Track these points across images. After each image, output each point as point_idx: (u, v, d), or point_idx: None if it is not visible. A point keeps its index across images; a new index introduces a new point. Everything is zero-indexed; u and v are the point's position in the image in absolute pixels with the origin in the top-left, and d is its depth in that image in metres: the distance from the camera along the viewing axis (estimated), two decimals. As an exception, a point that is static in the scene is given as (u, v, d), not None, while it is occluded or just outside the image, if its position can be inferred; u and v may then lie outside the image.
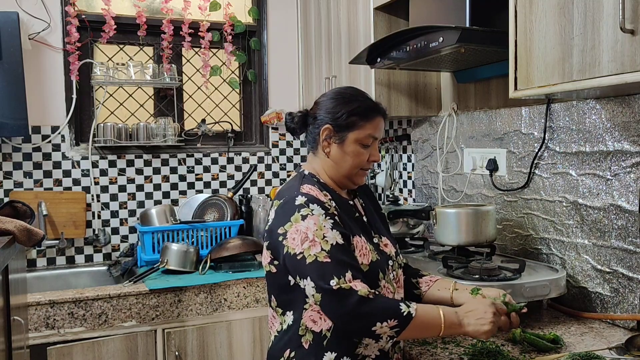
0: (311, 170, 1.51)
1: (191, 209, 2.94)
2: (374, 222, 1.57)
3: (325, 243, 1.33)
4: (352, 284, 1.29)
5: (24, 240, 1.73)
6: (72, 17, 2.82)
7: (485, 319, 1.34)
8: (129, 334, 2.27)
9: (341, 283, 1.28)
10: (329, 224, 1.36)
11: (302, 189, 1.42)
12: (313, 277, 1.31)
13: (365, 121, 1.45)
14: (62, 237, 2.82)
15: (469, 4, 1.87)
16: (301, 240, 1.34)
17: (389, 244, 1.55)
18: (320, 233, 1.34)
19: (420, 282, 1.62)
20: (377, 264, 1.44)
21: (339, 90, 1.52)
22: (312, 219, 1.35)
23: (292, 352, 1.41)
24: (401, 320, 1.28)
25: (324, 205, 1.39)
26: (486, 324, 1.34)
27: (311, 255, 1.32)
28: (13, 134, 2.61)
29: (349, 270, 1.31)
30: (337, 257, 1.32)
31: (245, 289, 2.44)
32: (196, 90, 3.22)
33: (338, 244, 1.34)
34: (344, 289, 1.28)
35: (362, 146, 1.46)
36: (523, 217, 2.11)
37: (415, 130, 2.80)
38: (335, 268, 1.30)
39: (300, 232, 1.35)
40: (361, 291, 1.28)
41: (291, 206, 1.39)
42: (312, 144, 1.52)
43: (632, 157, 1.67)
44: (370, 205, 1.63)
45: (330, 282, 1.28)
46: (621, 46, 1.26)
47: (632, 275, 1.69)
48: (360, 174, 1.51)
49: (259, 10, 3.28)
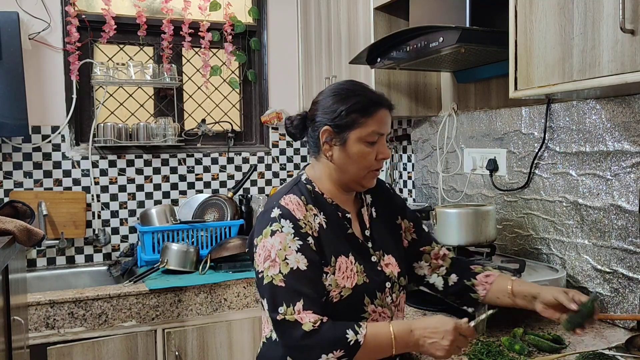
0: (311, 175, 1.41)
1: (191, 209, 2.94)
2: (378, 238, 1.44)
3: (285, 266, 1.25)
4: (299, 315, 1.21)
5: (24, 240, 1.73)
6: (72, 17, 2.82)
7: (441, 344, 1.23)
8: (129, 334, 2.27)
9: (288, 313, 1.22)
10: (295, 246, 1.27)
11: (283, 200, 1.32)
12: (268, 300, 1.26)
13: (367, 117, 1.32)
14: (62, 237, 2.82)
15: (469, 4, 1.87)
16: (264, 257, 1.28)
17: (391, 264, 1.42)
18: (283, 254, 1.26)
19: (476, 285, 1.48)
20: (364, 288, 1.33)
21: (336, 86, 1.39)
22: (279, 237, 1.27)
23: None
24: (347, 350, 1.20)
25: (298, 223, 1.28)
26: (440, 350, 1.23)
27: (268, 276, 1.25)
28: (13, 134, 2.62)
29: (301, 299, 1.22)
30: (292, 285, 1.24)
31: (245, 289, 2.44)
32: (196, 90, 3.22)
33: (298, 270, 1.25)
34: (288, 321, 1.21)
35: (367, 145, 1.33)
36: (523, 217, 2.11)
37: (415, 130, 2.80)
38: (286, 295, 1.23)
39: (266, 248, 1.28)
40: (306, 325, 1.20)
41: (267, 217, 1.31)
42: (313, 148, 1.40)
43: (632, 157, 1.67)
44: (384, 213, 1.49)
45: (279, 309, 1.22)
46: (621, 46, 1.26)
47: (632, 275, 1.69)
48: (371, 175, 1.37)
49: (259, 10, 3.28)
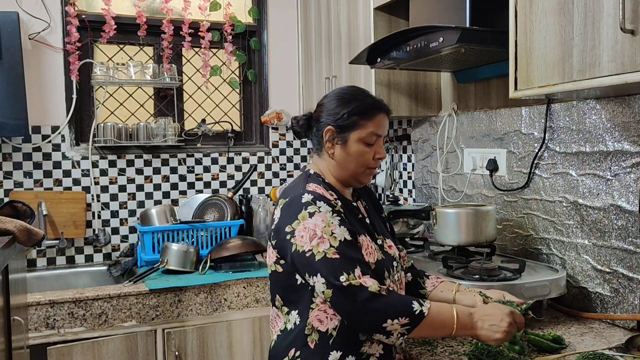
0: (316, 170, 1.52)
1: (191, 209, 2.94)
2: (377, 224, 1.58)
3: (334, 239, 1.33)
4: (362, 280, 1.29)
5: (24, 240, 1.73)
6: (72, 17, 2.82)
7: (500, 327, 1.33)
8: (129, 334, 2.27)
9: (351, 279, 1.29)
10: (337, 221, 1.37)
11: (308, 187, 1.43)
12: (323, 274, 1.31)
13: (367, 120, 1.46)
14: (62, 237, 2.82)
15: (469, 4, 1.87)
16: (309, 237, 1.34)
17: (392, 246, 1.56)
18: (329, 230, 1.34)
19: (426, 282, 1.64)
20: (383, 263, 1.45)
21: (339, 90, 1.53)
22: (320, 216, 1.36)
23: (298, 352, 1.41)
24: (412, 319, 1.28)
25: (331, 202, 1.40)
26: (499, 332, 1.33)
27: (320, 252, 1.32)
28: (13, 134, 2.61)
29: (358, 266, 1.32)
30: (346, 254, 1.33)
31: (245, 289, 2.44)
32: (196, 90, 3.22)
33: (346, 240, 1.35)
34: (353, 285, 1.28)
35: (365, 145, 1.46)
36: (523, 217, 2.11)
37: (415, 130, 2.80)
38: (344, 264, 1.31)
39: (309, 229, 1.35)
40: (372, 287, 1.29)
41: (298, 204, 1.39)
42: (316, 146, 1.54)
43: (632, 157, 1.67)
44: (372, 207, 1.63)
45: (340, 278, 1.29)
46: (621, 46, 1.26)
47: (632, 275, 1.69)
48: (367, 172, 1.51)
49: (259, 10, 3.28)
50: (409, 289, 1.62)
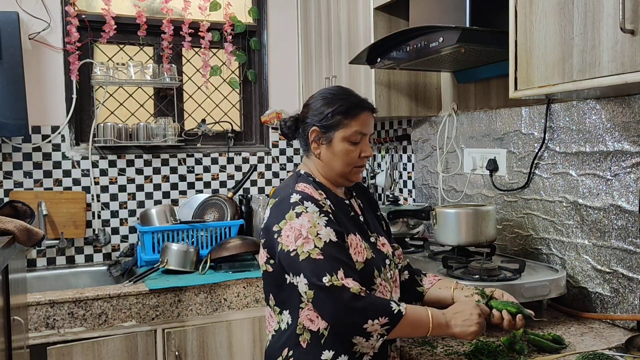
0: (307, 170, 1.53)
1: (191, 209, 2.94)
2: (371, 222, 1.58)
3: (319, 240, 1.34)
4: (345, 281, 1.30)
5: (24, 240, 1.73)
6: (72, 17, 2.82)
7: (472, 320, 1.37)
8: (129, 334, 2.27)
9: (333, 280, 1.30)
10: (323, 222, 1.37)
11: (297, 187, 1.44)
12: (306, 274, 1.32)
13: (350, 119, 1.46)
14: (62, 237, 2.82)
15: (469, 4, 1.87)
16: (295, 237, 1.35)
17: (386, 244, 1.56)
18: (314, 230, 1.35)
19: (423, 280, 1.65)
20: (373, 262, 1.45)
21: (324, 90, 1.54)
22: (306, 217, 1.37)
23: (290, 351, 1.42)
24: (392, 318, 1.30)
25: (318, 203, 1.41)
26: (472, 325, 1.37)
27: (304, 252, 1.33)
28: (13, 133, 2.61)
29: (342, 267, 1.32)
30: (330, 254, 1.33)
31: (245, 289, 2.44)
32: (196, 90, 3.22)
33: (331, 242, 1.35)
34: (336, 286, 1.29)
35: (350, 144, 1.47)
36: (523, 217, 2.11)
37: (415, 130, 2.80)
38: (327, 265, 1.31)
39: (294, 229, 1.36)
40: (353, 288, 1.30)
41: (286, 204, 1.40)
42: (304, 147, 1.55)
43: (632, 158, 1.67)
44: (367, 205, 1.64)
45: (323, 279, 1.30)
46: (621, 46, 1.26)
47: (632, 275, 1.69)
48: (355, 171, 1.51)
49: (259, 10, 3.28)
50: (406, 287, 1.63)
